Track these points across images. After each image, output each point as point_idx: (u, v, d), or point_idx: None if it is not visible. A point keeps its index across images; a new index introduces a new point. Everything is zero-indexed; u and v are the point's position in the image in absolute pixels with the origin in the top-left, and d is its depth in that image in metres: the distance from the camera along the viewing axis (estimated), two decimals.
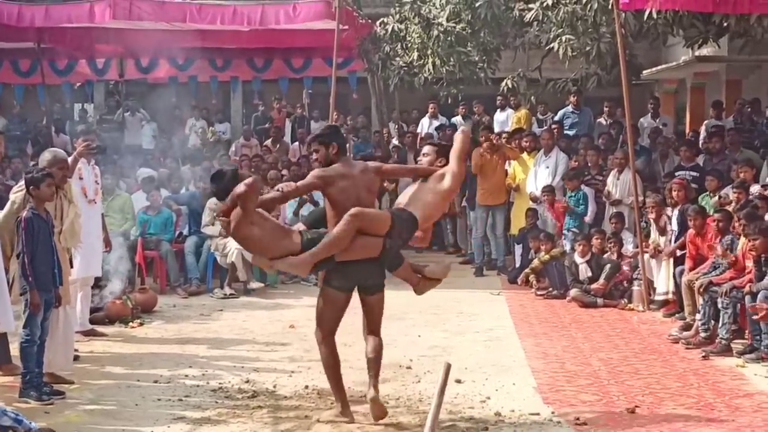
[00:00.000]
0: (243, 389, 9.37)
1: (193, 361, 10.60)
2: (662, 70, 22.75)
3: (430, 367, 10.06)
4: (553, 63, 19.12)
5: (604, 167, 16.63)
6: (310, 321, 12.48)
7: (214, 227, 15.26)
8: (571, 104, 19.25)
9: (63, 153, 10.19)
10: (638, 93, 22.29)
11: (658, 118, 19.47)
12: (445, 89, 19.85)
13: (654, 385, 9.57)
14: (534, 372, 10.13)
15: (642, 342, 11.74)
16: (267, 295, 15.07)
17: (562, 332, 12.31)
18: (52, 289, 8.99)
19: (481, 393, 9.22)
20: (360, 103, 24.67)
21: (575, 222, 15.78)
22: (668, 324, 12.67)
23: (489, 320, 13.09)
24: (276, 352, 11.19)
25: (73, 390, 9.33)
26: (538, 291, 15.00)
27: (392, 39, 19.19)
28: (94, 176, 11.75)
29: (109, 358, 10.84)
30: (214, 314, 13.66)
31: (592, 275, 14.33)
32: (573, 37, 16.55)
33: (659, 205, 13.89)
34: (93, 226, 11.44)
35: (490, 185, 16.86)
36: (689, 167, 15.52)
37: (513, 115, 20.39)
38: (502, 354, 10.98)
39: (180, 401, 8.94)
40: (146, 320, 12.99)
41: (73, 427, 8.02)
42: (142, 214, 15.84)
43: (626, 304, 13.91)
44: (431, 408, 6.67)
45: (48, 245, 8.94)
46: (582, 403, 8.92)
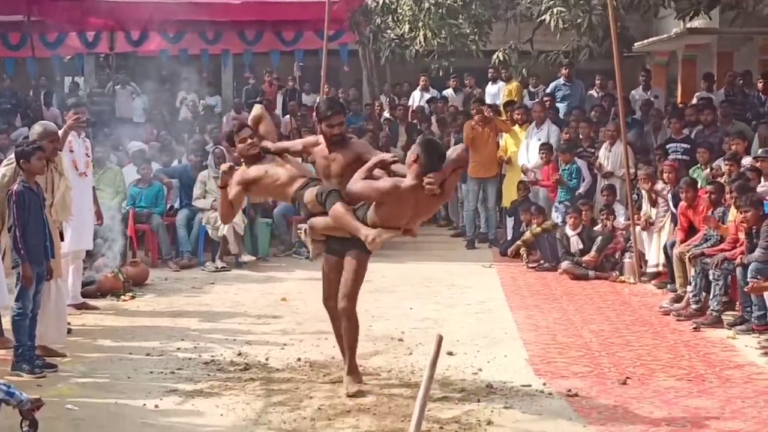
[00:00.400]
0: (235, 362, 9.38)
1: (185, 334, 10.60)
2: (654, 43, 22.71)
3: (422, 340, 10.08)
4: (545, 35, 19.11)
5: (596, 139, 16.62)
6: (301, 294, 12.63)
7: (206, 200, 15.25)
8: (563, 76, 19.21)
9: (53, 126, 10.16)
10: (630, 65, 22.28)
11: (649, 91, 19.46)
12: (436, 62, 19.83)
13: (645, 357, 9.60)
14: (525, 344, 10.16)
15: (633, 314, 11.77)
16: (259, 269, 15.07)
17: (554, 304, 12.33)
18: (43, 261, 8.97)
19: (472, 365, 9.24)
20: (351, 76, 24.61)
21: (567, 195, 15.78)
22: (659, 296, 12.70)
23: (480, 293, 13.11)
24: (268, 324, 11.19)
25: (66, 363, 9.33)
26: (529, 264, 15.02)
27: (383, 11, 19.16)
28: (85, 149, 11.72)
29: (101, 331, 10.84)
30: (205, 287, 13.65)
31: (583, 248, 14.35)
32: (564, 10, 16.55)
33: (651, 178, 13.90)
34: (84, 199, 11.42)
35: (482, 158, 16.85)
36: (680, 139, 15.51)
37: (504, 87, 20.35)
38: (493, 326, 11.01)
39: (172, 374, 8.94)
40: (138, 293, 12.98)
41: (65, 400, 8.01)
42: (133, 187, 15.81)
43: (617, 276, 13.94)
44: (423, 380, 6.67)
45: (39, 218, 8.91)
46: (573, 374, 8.95)
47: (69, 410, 7.77)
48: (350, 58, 22.38)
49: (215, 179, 15.17)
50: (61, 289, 9.86)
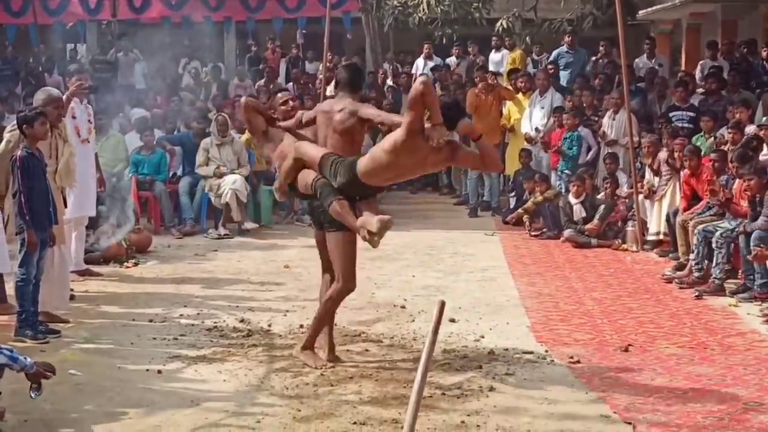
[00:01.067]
0: (238, 328, 9.41)
1: (188, 301, 10.63)
2: (658, 11, 22.60)
3: (424, 307, 10.10)
4: (549, 3, 19.08)
5: (599, 108, 16.58)
6: (304, 261, 12.65)
7: (208, 168, 15.24)
8: (566, 44, 19.14)
9: (57, 92, 10.15)
10: (633, 33, 22.20)
11: (653, 59, 19.39)
12: (439, 29, 19.78)
13: (647, 324, 9.62)
14: (528, 311, 10.18)
15: (635, 282, 11.78)
16: (261, 236, 15.09)
17: (556, 272, 12.35)
18: (47, 228, 8.97)
19: (474, 332, 9.26)
20: (354, 44, 24.53)
21: (567, 164, 15.75)
22: (662, 264, 12.71)
23: (483, 260, 13.13)
24: (271, 291, 11.22)
25: (69, 329, 9.36)
26: (532, 232, 15.02)
27: None
28: (87, 115, 11.70)
29: (104, 297, 10.87)
30: (208, 254, 13.67)
31: (586, 216, 14.35)
32: None
33: (654, 146, 13.88)
34: (86, 166, 11.41)
35: (485, 125, 16.74)
36: (685, 108, 15.47)
37: (508, 55, 20.28)
38: (496, 293, 11.03)
39: (175, 340, 8.97)
40: (141, 260, 13.00)
41: (69, 365, 8.03)
42: (136, 154, 15.81)
43: (620, 244, 13.94)
44: (425, 346, 6.68)
45: (43, 184, 8.90)
46: (575, 341, 8.97)
47: (72, 375, 7.79)
48: (353, 25, 22.31)
49: (218, 146, 15.22)
50: (64, 255, 9.89)
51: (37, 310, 9.07)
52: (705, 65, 18.02)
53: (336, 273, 8.07)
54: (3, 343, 7.48)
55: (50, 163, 9.55)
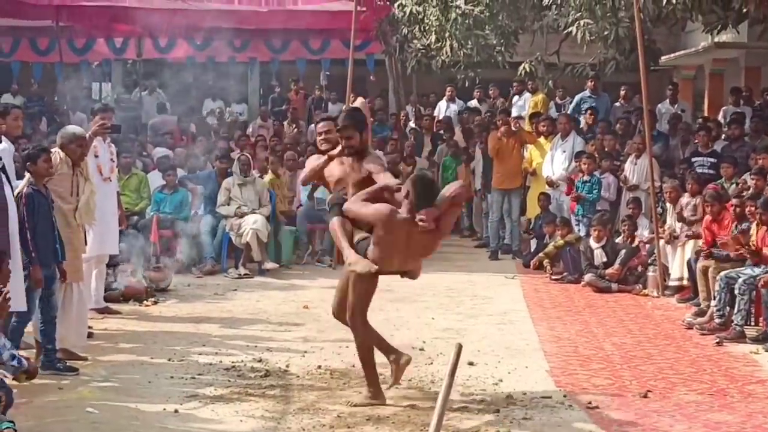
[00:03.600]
0: (256, 368, 9.39)
1: (207, 340, 10.62)
2: (681, 56, 22.66)
3: (443, 349, 10.06)
4: (572, 47, 19.09)
5: (621, 152, 16.57)
6: (323, 302, 12.61)
7: (230, 207, 15.27)
8: (589, 89, 19.16)
9: (81, 130, 10.21)
10: (656, 79, 22.24)
11: (676, 104, 19.40)
12: (462, 72, 19.85)
13: (667, 371, 9.55)
14: (547, 355, 10.13)
15: (656, 327, 11.72)
16: (281, 276, 15.09)
17: (576, 317, 12.30)
18: (52, 264, 8.99)
19: (493, 375, 9.22)
20: (377, 86, 24.64)
21: (585, 208, 15.70)
22: (682, 310, 12.64)
23: (503, 304, 13.09)
24: (289, 332, 11.20)
25: (87, 366, 9.36)
26: (552, 275, 14.98)
27: (410, 21, 19.19)
28: (110, 154, 11.76)
29: (123, 335, 10.87)
30: (228, 294, 13.68)
31: (607, 260, 14.30)
32: (591, 22, 16.52)
33: (676, 191, 13.85)
34: (108, 204, 11.46)
35: (507, 169, 16.85)
36: (706, 154, 15.44)
37: (530, 99, 20.33)
38: (515, 337, 10.98)
39: (193, 379, 8.96)
40: (160, 299, 13.01)
41: (86, 403, 8.04)
42: (158, 193, 15.86)
43: (641, 289, 13.88)
44: (442, 388, 6.67)
45: (48, 221, 8.92)
46: (594, 387, 8.91)
47: (89, 413, 7.79)
48: (377, 67, 22.43)
49: (240, 186, 15.27)
50: (82, 293, 9.90)
51: (55, 347, 9.09)
52: (728, 111, 18.02)
53: (349, 305, 8.23)
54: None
55: (71, 201, 9.59)
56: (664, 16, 15.80)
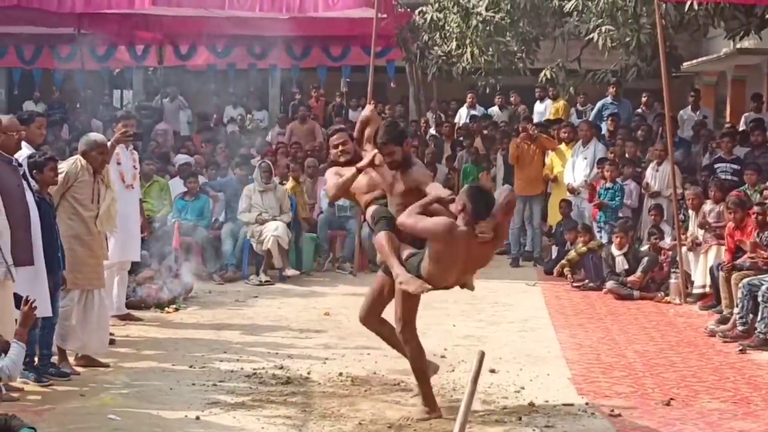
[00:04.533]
0: (277, 375, 9.39)
1: (228, 347, 10.63)
2: (703, 63, 22.59)
3: (465, 357, 10.04)
4: (593, 54, 19.04)
5: (642, 159, 16.52)
6: (344, 308, 12.63)
7: (250, 214, 15.28)
8: (610, 95, 19.12)
9: (103, 137, 10.21)
10: (678, 85, 22.15)
11: (698, 111, 19.33)
12: (483, 79, 19.81)
13: (689, 378, 9.51)
14: (569, 363, 10.10)
15: (678, 335, 11.67)
16: (302, 283, 15.09)
17: (598, 324, 12.26)
18: (57, 271, 9.02)
19: (515, 383, 9.19)
20: (398, 93, 24.64)
21: (607, 215, 15.65)
22: (705, 317, 12.58)
23: (524, 311, 13.06)
24: (310, 339, 11.20)
25: (109, 373, 9.39)
26: (574, 283, 14.93)
27: (431, 28, 19.17)
28: (132, 161, 11.80)
29: (144, 342, 10.89)
30: (249, 301, 13.68)
31: (628, 268, 14.25)
32: (613, 28, 16.48)
33: (699, 198, 13.79)
34: (131, 211, 11.49)
35: (527, 176, 16.82)
36: (729, 160, 15.38)
37: (552, 105, 20.30)
38: (536, 344, 10.95)
39: (214, 386, 8.96)
40: (182, 306, 13.02)
41: (108, 410, 8.06)
42: (179, 199, 15.89)
43: (663, 296, 13.82)
44: (464, 396, 6.64)
45: (51, 229, 8.94)
46: (616, 394, 8.88)
47: (111, 420, 7.80)
48: (397, 74, 22.39)
49: (260, 193, 15.27)
50: (104, 299, 9.91)
51: (51, 352, 9.17)
52: (749, 117, 17.95)
53: (398, 315, 8.11)
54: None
55: (92, 208, 9.61)
56: (686, 22, 15.76)
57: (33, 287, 8.18)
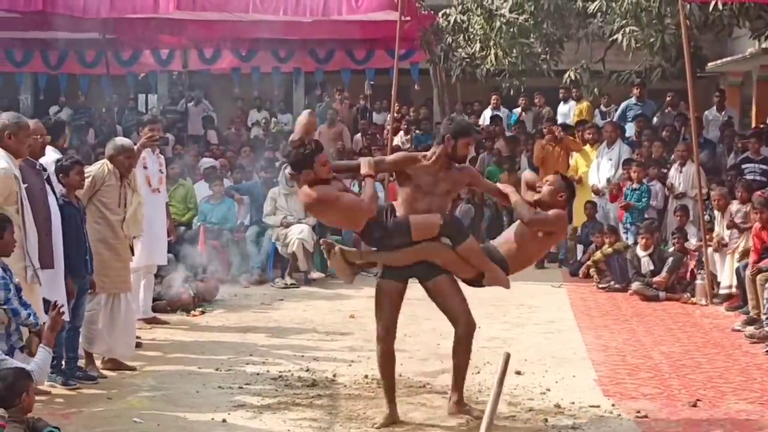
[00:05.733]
0: (303, 378, 9.41)
1: (254, 350, 10.65)
2: (728, 63, 22.50)
3: (490, 359, 10.02)
4: (617, 55, 19.03)
5: (668, 160, 16.48)
6: (369, 311, 12.52)
7: (275, 217, 15.32)
8: (635, 96, 19.07)
9: (129, 142, 10.27)
10: (703, 85, 22.08)
11: (723, 111, 19.27)
12: (507, 81, 19.82)
13: (716, 379, 9.48)
14: (594, 364, 10.08)
15: (704, 336, 11.63)
16: (327, 285, 15.11)
17: (624, 325, 12.22)
18: (84, 275, 9.08)
19: (541, 385, 9.18)
20: (422, 95, 24.64)
21: (634, 216, 15.60)
22: (731, 318, 12.53)
23: (550, 312, 13.04)
24: (336, 341, 11.22)
25: (135, 376, 9.44)
26: (599, 284, 14.90)
27: (454, 30, 19.20)
28: (159, 165, 11.85)
29: (170, 345, 10.93)
30: (274, 303, 13.72)
31: (654, 269, 14.21)
32: (637, 29, 16.46)
33: (725, 198, 13.74)
34: (157, 215, 11.53)
35: None
36: (758, 160, 15.32)
37: (575, 107, 20.26)
38: (562, 346, 10.93)
39: (240, 389, 8.99)
40: (207, 309, 13.07)
41: (134, 413, 8.10)
42: (205, 203, 15.95)
43: (689, 297, 13.77)
44: (490, 398, 6.65)
45: (79, 233, 9.00)
46: (643, 396, 8.86)
47: (137, 423, 7.84)
48: (421, 76, 22.37)
49: (285, 196, 15.30)
50: (130, 303, 9.96)
51: (77, 356, 9.23)
52: None
53: (456, 316, 8.01)
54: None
55: (118, 212, 9.66)
56: (711, 22, 15.73)
57: (51, 291, 8.22)
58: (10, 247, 7.35)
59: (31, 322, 7.14)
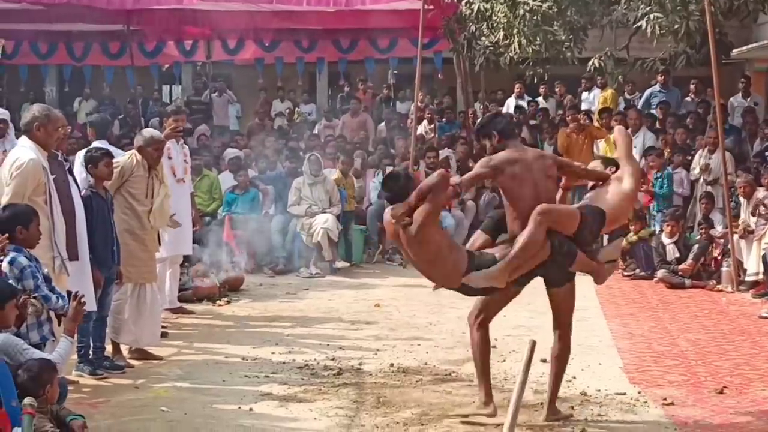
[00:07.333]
0: (328, 367, 9.43)
1: (280, 339, 10.68)
2: (753, 49, 22.34)
3: (516, 347, 10.03)
4: (641, 42, 18.88)
5: (693, 146, 16.41)
6: (394, 300, 12.67)
7: (300, 207, 15.34)
8: (659, 83, 19.00)
9: (159, 134, 10.29)
10: (728, 72, 21.92)
11: (749, 98, 19.15)
12: (531, 69, 19.70)
13: (743, 366, 9.46)
14: (620, 352, 10.07)
15: (730, 323, 11.60)
16: (352, 275, 15.14)
17: (649, 313, 12.20)
18: (111, 266, 9.14)
19: (567, 372, 9.13)
20: (445, 84, 24.61)
21: (661, 205, 15.55)
22: (758, 305, 12.49)
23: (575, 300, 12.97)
24: (361, 330, 11.24)
25: (162, 366, 9.48)
26: (625, 272, 14.87)
27: (478, 18, 19.08)
28: (183, 155, 11.88)
29: (197, 335, 10.98)
30: (300, 293, 13.74)
31: (679, 256, 14.16)
32: (661, 15, 16.32)
33: (751, 185, 13.68)
34: (182, 205, 11.55)
35: None
36: None
37: (600, 94, 20.19)
38: (588, 334, 10.90)
39: (266, 378, 9.02)
40: (233, 299, 13.10)
41: (161, 402, 8.14)
42: (230, 193, 15.99)
43: (715, 285, 13.73)
44: (516, 385, 6.66)
45: (107, 224, 9.04)
46: (669, 383, 8.85)
47: (164, 412, 7.88)
48: (444, 65, 22.37)
49: (310, 186, 15.32)
50: (155, 293, 10.00)
51: (103, 345, 9.30)
52: None
53: (564, 327, 8.06)
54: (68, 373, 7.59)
55: (146, 203, 9.69)
56: (736, 8, 15.62)
57: (78, 282, 8.25)
58: (36, 239, 7.39)
59: (60, 305, 7.19)
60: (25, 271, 7.08)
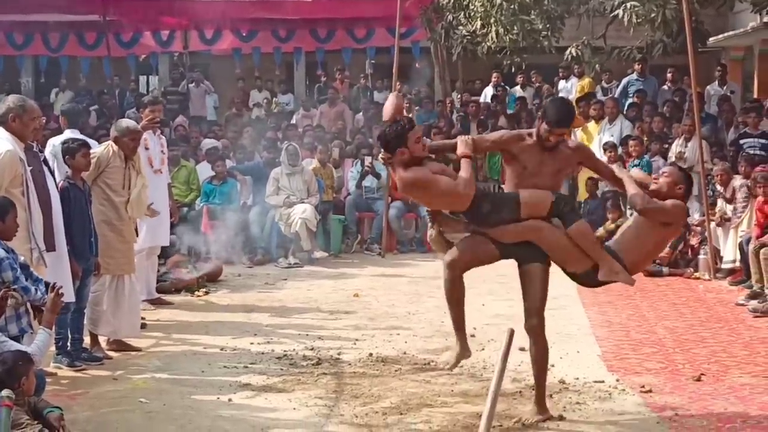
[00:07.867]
0: (307, 357, 9.43)
1: (258, 329, 10.68)
2: (729, 37, 22.42)
3: (494, 336, 10.04)
4: (618, 30, 18.94)
5: (669, 135, 16.45)
6: (373, 290, 12.68)
7: (278, 197, 15.32)
8: (636, 72, 19.06)
9: (135, 124, 10.25)
10: (705, 60, 22.00)
11: (725, 86, 19.22)
12: (508, 58, 19.74)
13: (720, 353, 9.50)
14: (598, 340, 10.10)
15: (708, 310, 11.65)
16: (331, 265, 15.15)
17: (627, 301, 12.23)
18: (89, 257, 9.11)
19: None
20: (423, 73, 24.62)
21: None
22: (735, 292, 12.55)
23: (553, 289, 12.77)
24: (340, 320, 11.24)
25: (141, 357, 9.46)
26: None
27: (455, 8, 19.11)
28: (160, 146, 11.85)
29: (175, 326, 10.96)
30: (278, 283, 13.73)
31: None
32: (638, 4, 16.37)
33: (727, 173, 13.73)
34: (159, 196, 11.51)
35: None
36: (756, 135, 15.30)
37: (577, 83, 20.23)
38: (566, 322, 10.93)
39: (245, 368, 9.01)
40: (212, 289, 13.09)
41: (140, 393, 8.13)
42: (207, 184, 15.96)
43: (692, 272, 13.79)
44: (494, 374, 6.66)
45: (84, 215, 9.02)
46: (647, 371, 8.88)
47: (143, 403, 7.86)
48: (422, 55, 22.39)
49: (288, 176, 15.31)
50: (134, 284, 9.97)
51: (81, 337, 9.27)
52: None
53: (537, 307, 7.63)
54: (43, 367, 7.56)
55: (123, 194, 9.67)
56: None
57: (56, 273, 8.22)
58: (13, 231, 7.36)
59: (39, 297, 7.16)
60: (3, 263, 7.04)
